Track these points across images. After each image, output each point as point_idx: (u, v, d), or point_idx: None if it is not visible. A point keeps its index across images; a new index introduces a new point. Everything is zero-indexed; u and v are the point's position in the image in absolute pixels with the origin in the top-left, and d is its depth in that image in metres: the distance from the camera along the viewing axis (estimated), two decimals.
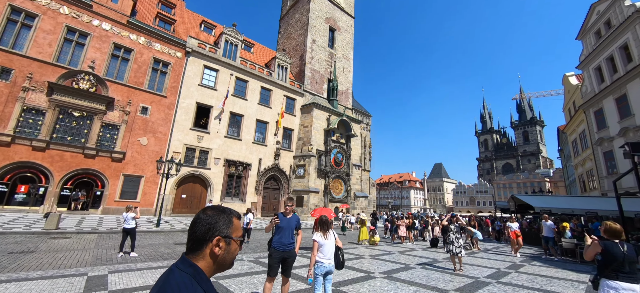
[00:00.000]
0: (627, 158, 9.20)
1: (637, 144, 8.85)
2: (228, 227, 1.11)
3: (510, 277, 7.59)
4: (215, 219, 1.09)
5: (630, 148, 8.56)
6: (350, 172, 27.91)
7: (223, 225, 1.09)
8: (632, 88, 16.55)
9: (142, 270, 6.48)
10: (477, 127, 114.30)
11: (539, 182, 71.55)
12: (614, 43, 17.93)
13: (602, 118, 19.19)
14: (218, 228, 1.08)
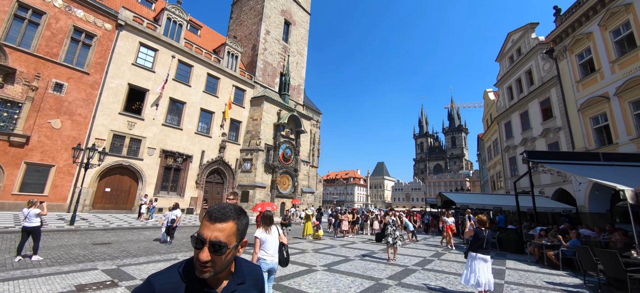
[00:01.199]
0: (524, 163, 11.23)
1: (531, 152, 10.88)
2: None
3: (434, 264, 8.63)
4: None
5: (527, 155, 10.46)
6: (298, 168, 28.06)
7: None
8: (531, 106, 20.21)
9: (48, 276, 5.51)
10: (415, 131, 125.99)
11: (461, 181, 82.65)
12: (522, 68, 21.60)
13: (510, 129, 23.00)
14: None
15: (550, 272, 7.80)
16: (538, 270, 8.06)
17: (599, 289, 6.01)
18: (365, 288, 5.85)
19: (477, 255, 5.39)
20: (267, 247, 4.00)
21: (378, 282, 6.37)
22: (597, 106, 14.59)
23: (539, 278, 7.05)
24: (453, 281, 6.66)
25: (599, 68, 14.70)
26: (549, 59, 18.49)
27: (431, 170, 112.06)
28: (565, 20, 16.78)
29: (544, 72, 19.05)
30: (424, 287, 6.06)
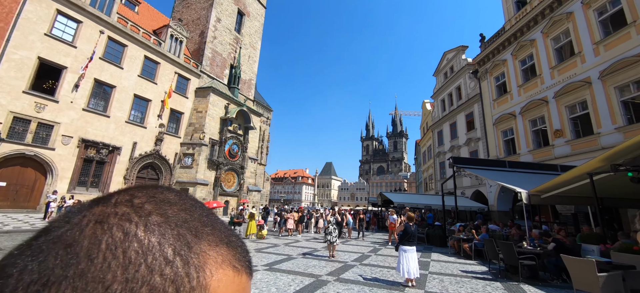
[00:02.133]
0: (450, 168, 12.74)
1: (456, 158, 12.40)
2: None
3: (371, 259, 9.22)
4: None
5: (453, 160, 11.89)
6: (245, 165, 27.07)
7: None
8: (459, 118, 23.08)
9: None
10: (362, 134, 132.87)
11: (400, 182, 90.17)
12: (453, 84, 24.52)
13: (441, 137, 25.90)
14: None
15: (465, 262, 9.04)
16: (456, 261, 9.26)
17: (499, 274, 7.19)
18: (305, 286, 5.94)
19: (405, 247, 6.01)
20: None
21: (318, 278, 6.53)
22: (507, 122, 17.41)
23: (455, 268, 8.11)
24: (386, 273, 7.22)
25: (510, 90, 17.56)
26: (474, 79, 21.38)
27: (375, 171, 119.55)
28: (487, 47, 19.62)
29: (470, 90, 21.95)
30: (360, 281, 6.43)
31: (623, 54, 11.58)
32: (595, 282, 4.43)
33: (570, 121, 13.63)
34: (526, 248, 6.85)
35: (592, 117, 12.52)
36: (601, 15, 12.89)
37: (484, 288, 5.98)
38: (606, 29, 12.75)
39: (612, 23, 12.71)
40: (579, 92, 13.19)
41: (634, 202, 8.93)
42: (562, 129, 13.74)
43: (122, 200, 0.34)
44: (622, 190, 6.99)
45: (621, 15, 12.17)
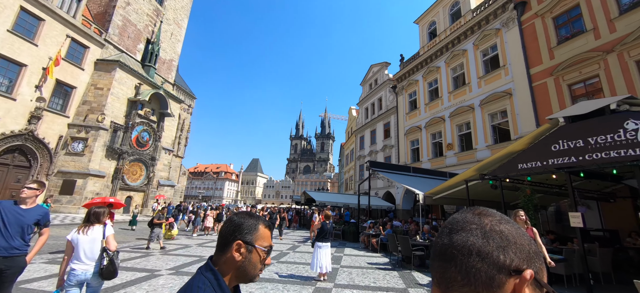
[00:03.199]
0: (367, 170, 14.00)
1: (372, 162, 13.68)
2: (252, 232, 0.99)
3: (288, 256, 9.35)
4: (240, 222, 1.00)
5: (369, 164, 13.07)
6: (156, 156, 23.84)
7: (246, 230, 0.98)
8: (378, 126, 25.64)
9: None
10: (292, 132, 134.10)
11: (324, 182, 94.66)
12: (376, 95, 27.09)
13: (363, 142, 28.28)
14: (241, 231, 0.97)
15: (372, 255, 10.10)
16: (365, 255, 10.25)
17: (397, 264, 8.29)
18: None
19: (320, 244, 6.32)
20: (81, 253, 3.08)
21: None
22: (415, 133, 20.24)
23: (363, 261, 8.97)
24: (301, 269, 7.43)
25: (419, 107, 20.47)
26: (393, 93, 24.09)
27: (301, 170, 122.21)
28: (405, 67, 22.41)
29: (389, 102, 24.64)
30: (275, 278, 6.44)
31: (495, 89, 14.91)
32: None
33: (458, 137, 16.78)
34: (418, 241, 8.12)
35: (473, 136, 15.72)
36: (485, 56, 16.29)
37: (384, 277, 6.80)
38: (487, 67, 16.18)
39: (491, 63, 16.21)
40: (465, 114, 16.35)
41: (494, 204, 11.58)
42: (453, 143, 16.80)
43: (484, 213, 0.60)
44: (487, 194, 9.01)
45: (497, 59, 15.66)
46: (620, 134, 4.92)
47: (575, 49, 11.90)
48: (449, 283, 0.53)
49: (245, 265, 0.97)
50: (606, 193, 9.19)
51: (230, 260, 0.96)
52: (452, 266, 0.53)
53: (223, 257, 0.97)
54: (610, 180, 7.51)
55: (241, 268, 0.97)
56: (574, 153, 5.48)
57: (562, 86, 12.22)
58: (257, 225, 1.02)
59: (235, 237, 0.97)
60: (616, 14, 10.89)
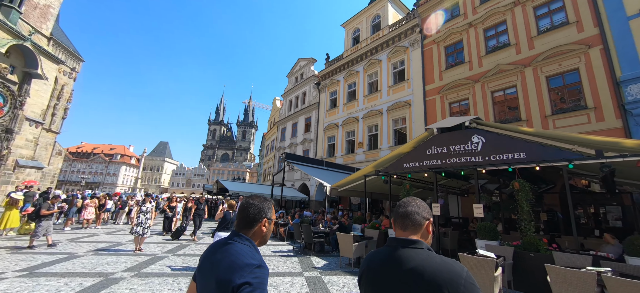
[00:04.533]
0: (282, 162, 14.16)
1: (288, 154, 13.92)
2: (271, 211, 1.41)
3: (188, 248, 8.67)
4: (263, 205, 1.39)
5: (285, 156, 13.25)
6: (15, 128, 18.23)
7: (268, 210, 1.38)
8: (300, 120, 26.19)
9: None
10: (211, 116, 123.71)
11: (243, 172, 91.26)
12: (301, 89, 27.52)
13: (284, 134, 28.42)
14: (265, 212, 1.37)
15: (278, 244, 10.34)
16: (271, 243, 10.40)
17: (299, 251, 8.73)
18: (84, 288, 4.73)
19: (221, 234, 6.11)
20: None
21: (108, 277, 5.39)
22: (332, 130, 21.54)
23: (268, 249, 9.10)
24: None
25: (338, 105, 21.83)
26: (316, 89, 24.94)
27: (219, 158, 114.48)
28: (329, 66, 23.48)
29: (312, 97, 25.42)
30: (166, 272, 5.89)
31: (399, 99, 17.21)
32: (351, 249, 6.33)
33: (368, 137, 18.73)
34: (320, 229, 8.77)
35: (379, 137, 17.80)
36: (395, 68, 18.55)
37: (284, 263, 7.08)
38: (395, 78, 18.47)
39: (398, 76, 18.57)
40: (375, 117, 18.36)
41: (384, 196, 13.16)
42: (363, 142, 18.66)
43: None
44: (381, 188, 10.40)
45: (403, 73, 18.05)
46: (468, 144, 6.42)
47: (456, 75, 14.79)
48: (407, 227, 1.21)
49: (266, 234, 1.37)
50: (463, 190, 11.92)
51: (258, 232, 1.33)
52: (408, 220, 1.21)
53: (252, 230, 1.32)
54: (464, 179, 9.77)
55: (264, 236, 1.37)
56: (440, 157, 6.87)
57: (445, 103, 15.04)
58: (271, 205, 1.42)
59: (263, 216, 1.35)
60: (484, 53, 14.02)
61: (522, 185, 5.71)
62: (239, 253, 1.19)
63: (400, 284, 1.06)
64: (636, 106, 9.10)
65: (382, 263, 1.16)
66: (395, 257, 1.13)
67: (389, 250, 1.17)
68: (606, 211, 9.44)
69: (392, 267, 1.11)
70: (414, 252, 1.11)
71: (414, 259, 1.08)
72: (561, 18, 11.76)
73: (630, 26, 9.79)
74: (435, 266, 1.04)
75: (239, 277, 1.10)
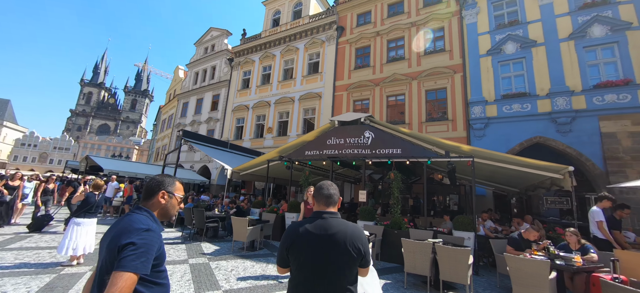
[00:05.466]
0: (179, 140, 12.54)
1: (186, 132, 12.42)
2: (173, 186, 1.48)
3: (27, 241, 6.62)
4: (164, 179, 1.47)
5: (183, 133, 11.75)
6: None
7: (168, 184, 1.46)
8: (207, 96, 23.76)
9: None
10: (85, 75, 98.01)
11: (129, 149, 76.69)
12: (211, 62, 24.87)
13: (186, 109, 25.24)
14: (165, 185, 1.44)
15: (166, 230, 9.19)
16: None
17: (188, 238, 7.98)
18: None
19: (80, 220, 4.94)
20: None
21: None
22: (242, 112, 20.47)
23: None
24: (45, 255, 5.47)
25: (251, 87, 20.84)
26: (229, 65, 23.05)
27: (95, 129, 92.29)
28: (245, 44, 22.02)
29: (222, 73, 23.39)
30: None
31: (311, 90, 17.79)
32: (245, 233, 6.22)
33: (278, 123, 18.69)
34: (215, 214, 8.26)
35: (289, 124, 18.03)
36: (310, 59, 18.98)
37: (168, 251, 6.32)
38: (310, 69, 18.91)
39: (313, 67, 19.07)
40: (287, 104, 18.45)
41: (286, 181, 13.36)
42: (273, 128, 18.51)
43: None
44: (284, 174, 10.57)
45: (317, 65, 18.67)
46: (361, 138, 7.22)
47: (362, 76, 16.35)
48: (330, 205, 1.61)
49: (168, 206, 1.45)
50: (356, 179, 13.48)
51: (156, 203, 1.42)
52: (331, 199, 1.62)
53: (151, 202, 1.41)
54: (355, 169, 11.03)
55: (164, 208, 1.44)
56: (337, 148, 7.49)
57: (350, 100, 16.46)
58: (174, 181, 1.51)
59: (161, 188, 1.43)
60: (385, 61, 15.94)
61: (396, 176, 6.87)
62: (132, 221, 1.24)
63: (331, 242, 1.47)
64: (476, 122, 12.26)
65: (314, 229, 1.51)
66: (325, 224, 1.52)
67: (319, 220, 1.54)
68: (450, 198, 12.56)
69: (324, 231, 1.49)
70: (337, 220, 1.55)
71: (339, 224, 1.53)
72: (441, 45, 14.55)
73: (480, 62, 13.00)
74: (352, 227, 1.55)
75: (126, 238, 1.15)
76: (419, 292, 4.56)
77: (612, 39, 10.73)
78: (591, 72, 10.87)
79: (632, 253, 4.42)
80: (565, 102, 10.86)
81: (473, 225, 5.86)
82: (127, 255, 1.09)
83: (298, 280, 1.49)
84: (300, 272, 1.48)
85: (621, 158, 9.67)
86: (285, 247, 1.52)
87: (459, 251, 4.16)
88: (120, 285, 1.04)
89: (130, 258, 1.09)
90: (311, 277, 1.45)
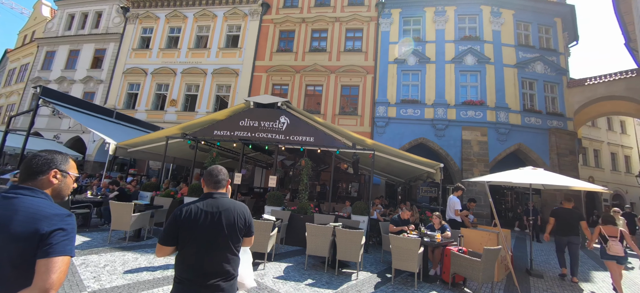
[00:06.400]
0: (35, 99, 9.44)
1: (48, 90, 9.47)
2: (67, 164, 1.30)
3: None
4: (54, 156, 1.27)
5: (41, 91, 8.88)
6: None
7: (61, 162, 1.27)
8: (86, 48, 18.71)
9: None
10: None
11: None
12: (95, 5, 19.53)
13: (52, 60, 19.26)
14: (56, 163, 1.25)
15: None
16: None
17: None
18: None
19: None
20: None
21: None
22: (137, 76, 17.06)
23: None
24: None
25: (152, 47, 17.55)
26: (122, 15, 18.68)
27: None
28: None
29: (112, 24, 18.83)
30: None
31: (228, 65, 16.30)
32: (128, 220, 5.22)
33: (185, 96, 16.47)
34: (87, 198, 6.66)
35: (198, 99, 16.14)
36: (230, 31, 17.21)
37: None
38: (228, 42, 17.19)
39: (232, 41, 17.41)
40: (198, 77, 16.41)
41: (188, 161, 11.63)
42: (177, 100, 16.20)
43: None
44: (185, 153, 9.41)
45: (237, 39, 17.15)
46: (276, 123, 7.07)
47: (283, 61, 16.01)
48: (219, 187, 1.77)
49: (61, 186, 1.27)
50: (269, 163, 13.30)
51: (48, 183, 1.22)
52: (219, 184, 1.76)
53: (38, 182, 1.20)
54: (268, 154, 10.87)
55: (57, 190, 1.26)
56: (251, 130, 7.12)
57: (269, 83, 15.95)
58: (67, 158, 1.32)
59: (50, 167, 1.23)
60: (308, 50, 16.02)
61: (307, 163, 7.07)
62: (38, 205, 1.11)
63: (223, 217, 1.64)
64: (379, 120, 13.87)
65: (207, 207, 1.64)
66: (217, 203, 1.67)
67: (209, 199, 1.68)
68: (351, 186, 13.97)
69: (216, 208, 1.64)
70: (226, 199, 1.73)
71: (229, 203, 1.71)
72: (359, 45, 15.65)
73: (388, 68, 14.64)
74: (240, 205, 1.76)
75: (48, 225, 1.07)
76: (317, 272, 4.85)
77: (477, 68, 13.86)
78: (462, 91, 13.81)
79: (472, 230, 5.89)
80: (443, 112, 13.48)
81: (368, 209, 6.63)
82: (60, 240, 1.07)
83: (190, 253, 1.58)
84: (193, 245, 1.58)
85: (472, 159, 12.76)
86: (177, 224, 1.58)
87: (354, 233, 4.60)
88: (63, 268, 1.04)
89: (64, 243, 1.08)
90: (205, 249, 1.58)
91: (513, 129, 13.14)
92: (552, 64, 14.03)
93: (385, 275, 4.99)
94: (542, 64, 14.00)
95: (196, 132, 7.47)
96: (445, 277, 4.76)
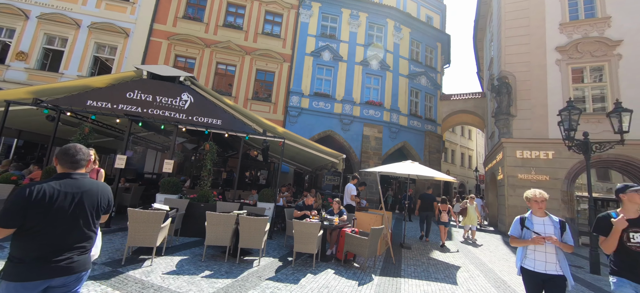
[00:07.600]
0: None
1: None
2: None
3: None
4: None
5: None
6: None
7: None
8: None
9: None
10: None
11: None
12: None
13: None
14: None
15: None
16: None
17: None
18: None
19: None
20: None
21: None
22: None
23: None
24: None
25: None
26: None
27: None
28: None
29: None
30: None
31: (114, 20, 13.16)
32: None
33: (43, 50, 12.46)
34: None
35: (66, 57, 12.49)
36: None
37: None
38: None
39: None
40: (66, 27, 12.62)
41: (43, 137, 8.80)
42: (29, 54, 12.09)
43: None
44: (43, 127, 7.19)
45: None
46: (176, 100, 6.21)
47: (191, 30, 14.11)
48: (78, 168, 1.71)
49: None
50: (165, 146, 11.62)
51: None
52: (79, 164, 1.70)
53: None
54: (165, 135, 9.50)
55: None
56: (142, 105, 6.02)
57: (171, 53, 13.82)
58: None
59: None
60: (222, 24, 14.56)
61: (211, 147, 6.53)
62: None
63: (85, 197, 1.64)
64: (292, 109, 14.08)
65: (65, 187, 1.58)
66: (78, 183, 1.64)
67: (68, 180, 1.62)
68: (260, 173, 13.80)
69: (77, 189, 1.62)
70: (87, 180, 1.70)
71: (91, 183, 1.70)
72: (278, 31, 15.28)
73: (304, 59, 14.91)
74: (102, 185, 1.79)
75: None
76: (216, 262, 4.60)
77: (379, 73, 15.76)
78: (366, 92, 15.48)
79: (363, 213, 6.77)
80: (350, 109, 14.83)
81: (274, 197, 6.70)
82: None
83: (42, 234, 1.49)
84: (47, 227, 1.50)
85: (369, 152, 14.60)
86: (26, 205, 1.45)
87: (258, 220, 4.56)
88: None
89: None
90: (61, 230, 1.54)
91: (401, 129, 15.69)
92: (432, 79, 17.42)
93: (287, 258, 5.18)
94: (425, 78, 17.16)
95: (59, 100, 5.77)
96: (339, 255, 5.33)
